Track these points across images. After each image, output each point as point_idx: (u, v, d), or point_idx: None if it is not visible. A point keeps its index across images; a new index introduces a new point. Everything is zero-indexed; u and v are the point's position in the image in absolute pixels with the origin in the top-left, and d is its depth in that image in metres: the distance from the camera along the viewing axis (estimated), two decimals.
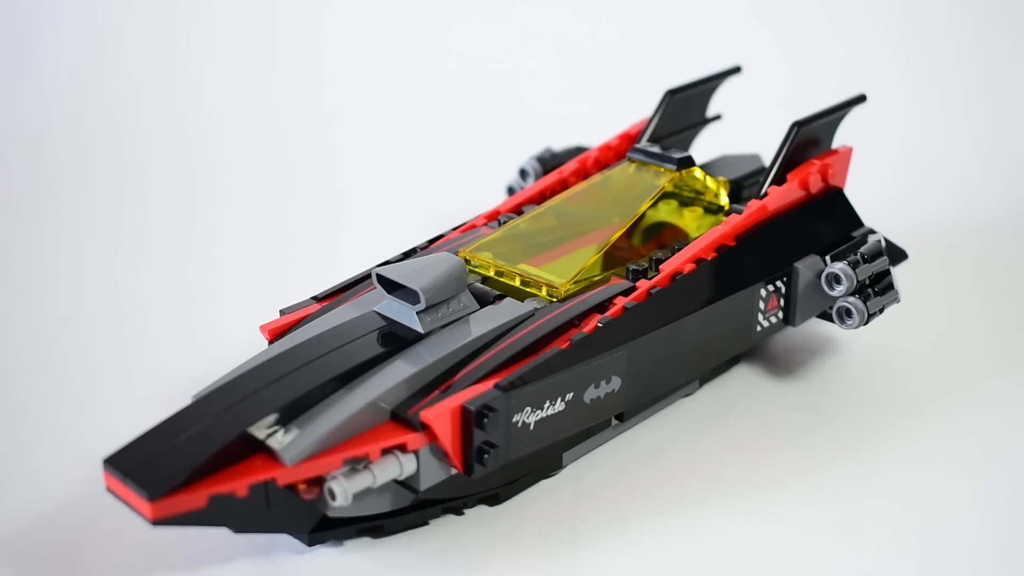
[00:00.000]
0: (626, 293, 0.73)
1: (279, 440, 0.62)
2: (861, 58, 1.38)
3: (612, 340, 0.70)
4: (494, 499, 0.71)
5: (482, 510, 0.71)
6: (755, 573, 0.66)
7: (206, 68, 1.42)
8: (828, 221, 0.83)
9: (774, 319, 0.80)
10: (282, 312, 0.74)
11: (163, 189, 1.21)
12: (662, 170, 0.83)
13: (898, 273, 0.85)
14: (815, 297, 0.80)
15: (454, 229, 0.83)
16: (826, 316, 0.82)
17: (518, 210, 0.85)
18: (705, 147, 0.99)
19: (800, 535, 0.69)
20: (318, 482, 0.62)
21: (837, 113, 0.84)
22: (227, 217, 1.15)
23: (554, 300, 0.72)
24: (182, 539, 0.67)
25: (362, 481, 0.62)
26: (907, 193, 1.16)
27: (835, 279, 0.78)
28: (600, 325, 0.69)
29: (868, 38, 1.40)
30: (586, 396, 0.69)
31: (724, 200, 0.83)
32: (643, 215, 0.81)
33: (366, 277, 0.76)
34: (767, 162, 0.88)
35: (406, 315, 0.69)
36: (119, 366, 0.87)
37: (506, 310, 0.71)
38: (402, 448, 0.63)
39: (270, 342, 0.72)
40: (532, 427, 0.67)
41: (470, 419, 0.63)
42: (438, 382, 0.66)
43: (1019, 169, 1.20)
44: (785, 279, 0.80)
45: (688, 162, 0.82)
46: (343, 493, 0.61)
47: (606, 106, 1.25)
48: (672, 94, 0.91)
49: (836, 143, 0.86)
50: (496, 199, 1.00)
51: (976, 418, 0.80)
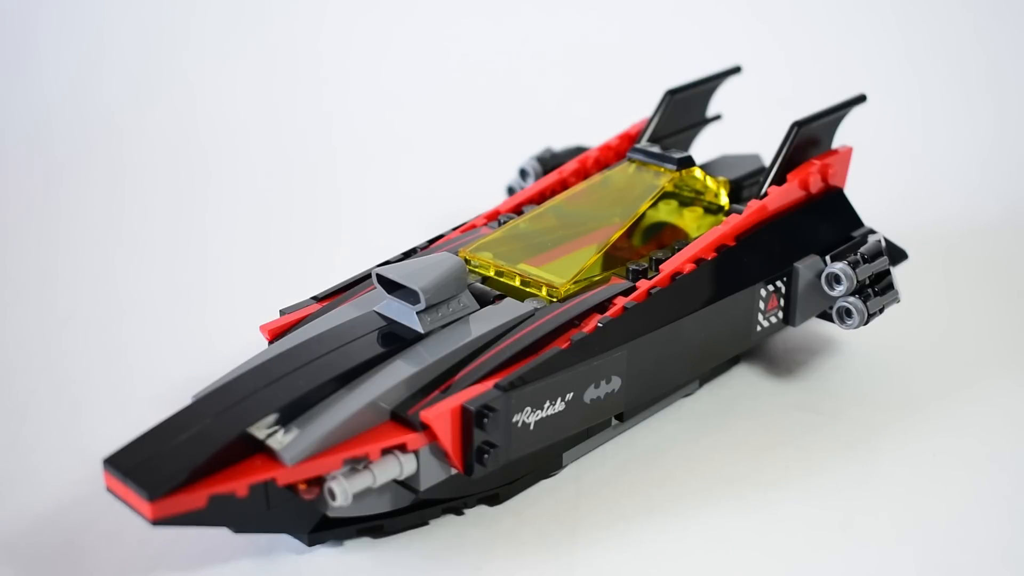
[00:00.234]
0: (626, 293, 0.73)
1: (279, 440, 0.61)
2: (861, 58, 1.38)
3: (612, 340, 0.70)
4: (494, 499, 0.71)
5: (482, 510, 0.71)
6: (755, 573, 0.66)
7: (206, 68, 1.42)
8: (828, 221, 0.83)
9: (774, 319, 0.80)
10: (282, 312, 0.74)
11: (163, 189, 1.21)
12: (662, 170, 0.83)
13: (898, 273, 0.85)
14: (815, 297, 0.80)
15: (454, 229, 0.83)
16: (826, 316, 0.82)
17: (518, 210, 0.85)
18: (705, 147, 0.98)
19: (800, 535, 0.69)
20: (318, 482, 0.62)
21: (837, 113, 0.84)
22: (227, 217, 1.15)
23: (554, 300, 0.72)
24: (182, 539, 0.67)
25: (362, 481, 0.62)
26: (907, 193, 1.16)
27: (835, 279, 0.78)
28: (600, 325, 0.69)
29: (868, 38, 1.40)
30: (586, 396, 0.69)
31: (724, 200, 0.83)
32: (643, 215, 0.81)
33: (366, 277, 0.76)
34: (767, 162, 0.88)
35: (406, 315, 0.69)
36: (119, 366, 0.87)
37: (506, 310, 0.71)
38: (402, 448, 0.63)
39: (270, 342, 0.72)
40: (532, 427, 0.67)
41: (470, 419, 0.63)
42: (438, 382, 0.66)
43: (1019, 169, 1.20)
44: (785, 279, 0.80)
45: (688, 162, 0.82)
46: (343, 493, 0.61)
47: (606, 106, 1.25)
48: (672, 94, 0.91)
49: (836, 143, 0.86)
50: (496, 199, 1.00)
51: (976, 418, 0.80)
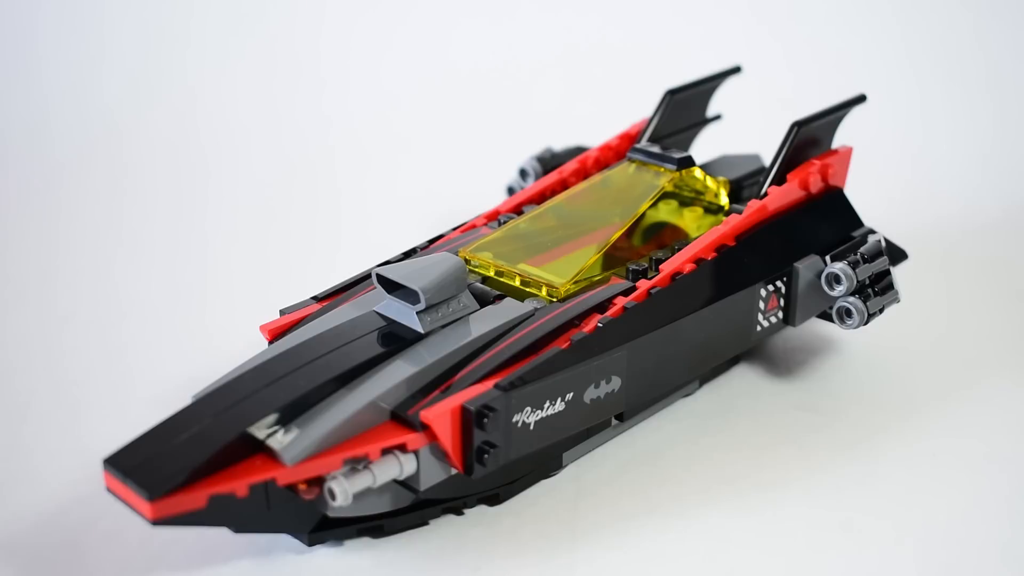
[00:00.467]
0: (626, 293, 0.73)
1: (279, 440, 0.61)
2: (861, 58, 1.38)
3: (612, 340, 0.70)
4: (494, 499, 0.71)
5: (482, 510, 0.71)
6: (756, 573, 0.66)
7: (206, 68, 1.42)
8: (828, 221, 0.83)
9: (774, 319, 0.80)
10: (282, 312, 0.74)
11: (163, 189, 1.21)
12: (662, 170, 0.83)
13: (898, 273, 0.85)
14: (815, 297, 0.80)
15: (454, 229, 0.83)
16: (826, 316, 0.82)
17: (518, 210, 0.85)
18: (705, 147, 0.98)
19: (800, 535, 0.69)
20: (318, 482, 0.62)
21: (837, 113, 0.84)
22: (227, 217, 1.15)
23: (554, 300, 0.72)
24: (182, 539, 0.67)
25: (362, 481, 0.62)
26: (907, 193, 1.16)
27: (835, 279, 0.78)
28: (600, 325, 0.69)
29: (868, 38, 1.40)
30: (586, 396, 0.69)
31: (724, 200, 0.83)
32: (643, 215, 0.81)
33: (366, 277, 0.76)
34: (767, 162, 0.88)
35: (406, 315, 0.69)
36: (119, 366, 0.87)
37: (506, 310, 0.71)
38: (402, 448, 0.63)
39: (270, 342, 0.72)
40: (532, 427, 0.67)
41: (470, 419, 0.63)
42: (438, 382, 0.66)
43: (1019, 169, 1.20)
44: (785, 279, 0.80)
45: (688, 162, 0.82)
46: (343, 493, 0.61)
47: (606, 106, 1.25)
48: (672, 94, 0.91)
49: (836, 143, 0.86)
50: (496, 199, 0.99)
51: (976, 418, 0.80)
